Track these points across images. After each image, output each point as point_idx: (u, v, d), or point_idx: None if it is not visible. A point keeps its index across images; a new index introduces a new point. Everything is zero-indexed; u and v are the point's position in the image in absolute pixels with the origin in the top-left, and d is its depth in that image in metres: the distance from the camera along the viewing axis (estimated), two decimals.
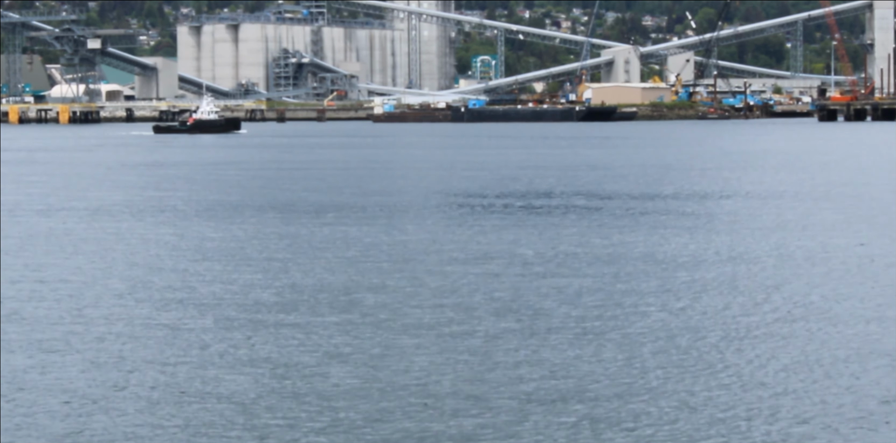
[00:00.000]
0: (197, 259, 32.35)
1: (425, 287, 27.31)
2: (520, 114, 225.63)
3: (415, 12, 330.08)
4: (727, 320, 23.35)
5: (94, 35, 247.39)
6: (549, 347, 20.99)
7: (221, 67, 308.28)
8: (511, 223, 41.05)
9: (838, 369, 19.27)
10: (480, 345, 21.16)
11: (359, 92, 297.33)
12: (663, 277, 28.53)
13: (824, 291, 26.53)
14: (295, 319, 23.59)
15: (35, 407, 17.35)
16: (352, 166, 79.38)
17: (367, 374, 19.14)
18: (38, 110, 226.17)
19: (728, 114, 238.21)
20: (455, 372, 19.19)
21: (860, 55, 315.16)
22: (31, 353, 20.86)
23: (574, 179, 64.04)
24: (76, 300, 26.02)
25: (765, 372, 19.09)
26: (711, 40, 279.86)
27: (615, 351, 20.59)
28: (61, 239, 37.53)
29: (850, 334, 22.04)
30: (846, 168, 72.94)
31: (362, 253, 33.19)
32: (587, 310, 24.39)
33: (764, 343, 21.25)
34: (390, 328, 22.65)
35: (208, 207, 48.61)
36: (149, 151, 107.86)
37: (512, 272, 29.38)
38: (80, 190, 59.31)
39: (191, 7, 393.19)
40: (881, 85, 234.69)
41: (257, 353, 20.73)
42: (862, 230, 38.29)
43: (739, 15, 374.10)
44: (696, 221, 41.77)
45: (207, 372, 19.33)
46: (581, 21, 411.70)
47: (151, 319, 23.84)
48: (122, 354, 20.75)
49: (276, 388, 18.31)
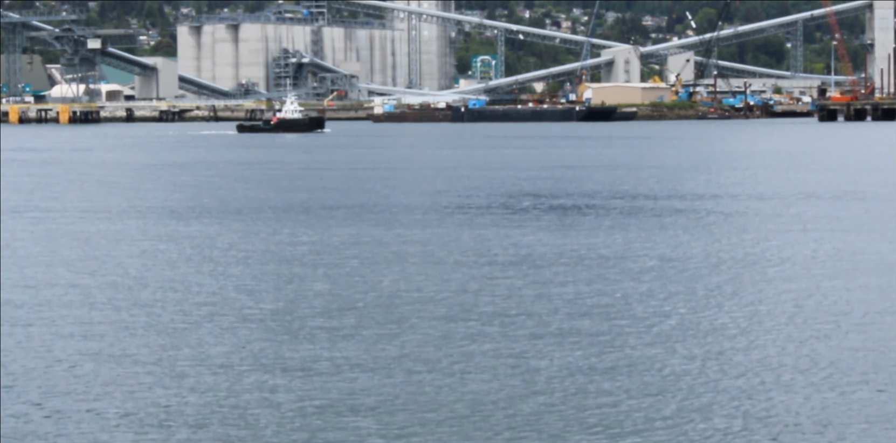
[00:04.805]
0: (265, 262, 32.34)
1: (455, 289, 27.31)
2: (520, 114, 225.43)
3: (415, 12, 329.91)
4: (742, 320, 23.35)
5: (94, 35, 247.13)
6: (576, 352, 20.99)
7: (221, 67, 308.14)
8: (566, 225, 41.04)
9: (853, 368, 19.29)
10: (489, 348, 21.16)
11: (359, 92, 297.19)
12: (670, 278, 28.52)
13: (828, 291, 26.52)
14: (336, 325, 23.63)
15: (35, 407, 17.35)
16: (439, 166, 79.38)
17: (388, 379, 19.14)
18: (38, 110, 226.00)
19: (728, 114, 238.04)
20: (466, 374, 19.19)
21: (860, 55, 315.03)
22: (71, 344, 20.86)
23: (584, 179, 64.01)
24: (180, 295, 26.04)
25: (785, 372, 19.10)
26: (711, 40, 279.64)
27: (639, 352, 20.60)
28: (214, 242, 37.54)
29: (858, 332, 22.05)
30: (860, 169, 72.92)
31: (390, 254, 33.21)
32: (591, 310, 24.39)
33: (778, 342, 21.25)
34: (412, 329, 22.66)
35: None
36: (262, 150, 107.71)
37: (545, 276, 29.37)
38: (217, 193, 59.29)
39: (191, 7, 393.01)
40: (881, 85, 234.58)
41: (299, 357, 20.75)
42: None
43: (739, 15, 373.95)
44: (698, 221, 41.74)
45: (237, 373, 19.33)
46: (581, 21, 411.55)
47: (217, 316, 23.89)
48: (183, 360, 20.75)
49: (304, 392, 18.31)
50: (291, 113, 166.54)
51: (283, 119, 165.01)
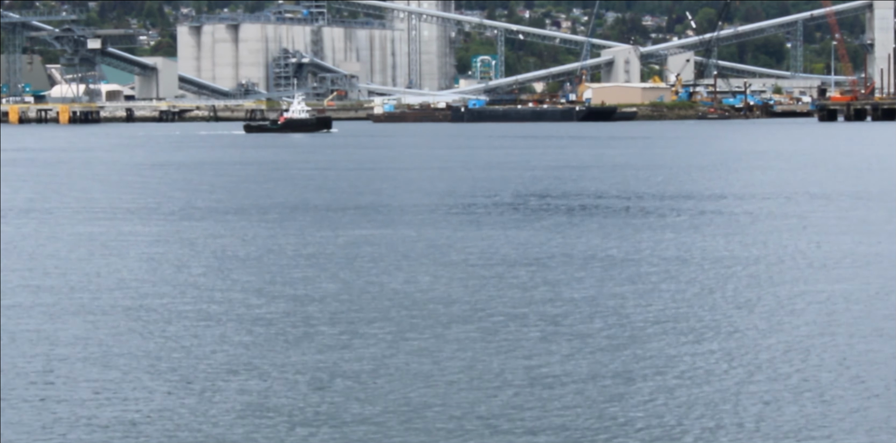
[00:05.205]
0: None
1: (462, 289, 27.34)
2: (520, 114, 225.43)
3: (415, 12, 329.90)
4: (753, 319, 23.39)
5: (94, 35, 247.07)
6: (581, 353, 21.03)
7: (221, 67, 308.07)
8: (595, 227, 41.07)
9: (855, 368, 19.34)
10: (499, 348, 21.19)
11: (359, 92, 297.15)
12: (676, 278, 28.56)
13: (832, 291, 26.57)
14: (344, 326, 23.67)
15: (36, 407, 17.39)
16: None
17: (398, 377, 19.17)
18: (38, 110, 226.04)
19: (728, 114, 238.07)
20: (465, 372, 19.23)
21: (860, 55, 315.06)
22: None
23: (588, 179, 64.06)
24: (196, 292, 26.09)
25: (794, 371, 19.14)
26: (711, 40, 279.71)
27: (651, 352, 20.64)
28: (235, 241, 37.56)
29: (862, 331, 22.10)
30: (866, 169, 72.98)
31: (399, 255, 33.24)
32: (602, 310, 24.43)
33: (785, 342, 21.29)
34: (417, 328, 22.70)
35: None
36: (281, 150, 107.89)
37: (552, 276, 29.41)
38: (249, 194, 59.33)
39: (191, 7, 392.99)
40: (881, 85, 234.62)
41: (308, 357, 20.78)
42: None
43: (739, 15, 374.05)
44: (701, 220, 41.78)
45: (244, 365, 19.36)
46: (581, 21, 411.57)
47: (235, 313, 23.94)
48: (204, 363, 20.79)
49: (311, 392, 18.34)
50: (299, 113, 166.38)
51: (291, 119, 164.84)
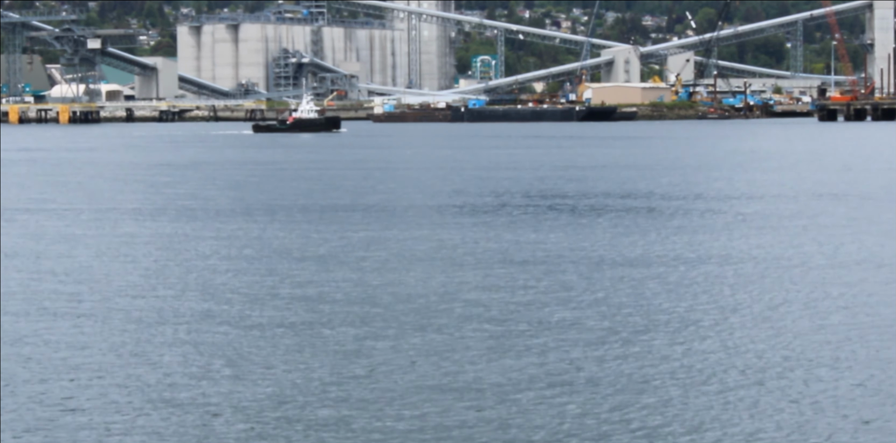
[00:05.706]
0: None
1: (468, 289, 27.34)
2: (520, 114, 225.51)
3: (415, 12, 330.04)
4: (762, 320, 23.41)
5: (94, 35, 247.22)
6: (588, 353, 21.03)
7: (221, 67, 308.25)
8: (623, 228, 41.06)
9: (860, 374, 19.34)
10: (508, 347, 21.20)
11: (359, 92, 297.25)
12: (682, 279, 28.58)
13: (836, 291, 26.57)
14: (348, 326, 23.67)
15: (35, 408, 17.39)
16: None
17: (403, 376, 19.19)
18: (38, 110, 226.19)
19: (728, 114, 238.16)
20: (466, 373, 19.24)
21: (860, 55, 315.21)
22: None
23: (591, 179, 64.07)
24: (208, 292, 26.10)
25: (800, 371, 19.15)
26: (711, 40, 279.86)
27: (659, 352, 20.65)
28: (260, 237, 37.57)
29: (864, 331, 22.11)
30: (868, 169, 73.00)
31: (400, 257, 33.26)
32: (611, 310, 24.43)
33: (790, 343, 21.30)
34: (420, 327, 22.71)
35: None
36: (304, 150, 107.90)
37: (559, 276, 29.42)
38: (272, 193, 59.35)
39: (191, 7, 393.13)
40: (881, 85, 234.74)
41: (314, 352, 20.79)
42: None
43: (739, 15, 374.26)
44: (699, 221, 41.79)
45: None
46: (581, 21, 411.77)
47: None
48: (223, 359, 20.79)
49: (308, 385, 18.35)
50: (307, 113, 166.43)
51: (300, 119, 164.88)
